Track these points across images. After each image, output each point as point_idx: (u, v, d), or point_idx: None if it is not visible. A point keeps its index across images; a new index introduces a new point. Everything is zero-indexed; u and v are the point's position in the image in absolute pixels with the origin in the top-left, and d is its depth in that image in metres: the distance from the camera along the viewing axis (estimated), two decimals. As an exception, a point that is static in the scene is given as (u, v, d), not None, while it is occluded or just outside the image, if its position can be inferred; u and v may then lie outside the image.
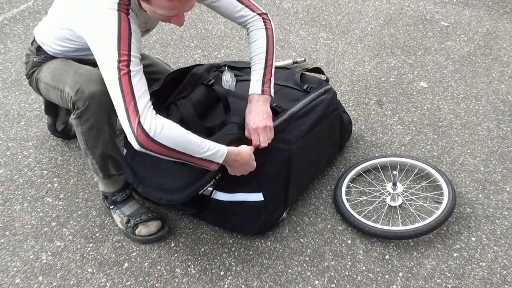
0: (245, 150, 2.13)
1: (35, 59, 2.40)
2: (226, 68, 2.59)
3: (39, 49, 2.38)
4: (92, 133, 2.21)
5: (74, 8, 2.06)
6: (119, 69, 1.88)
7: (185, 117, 2.30)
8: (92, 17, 1.96)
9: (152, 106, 1.93)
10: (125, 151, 2.38)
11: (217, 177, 2.23)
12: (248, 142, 2.21)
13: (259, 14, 2.35)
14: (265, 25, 2.34)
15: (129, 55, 1.90)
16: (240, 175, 2.20)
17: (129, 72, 1.89)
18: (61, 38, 2.27)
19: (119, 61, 1.88)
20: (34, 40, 2.41)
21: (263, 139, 2.19)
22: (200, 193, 2.19)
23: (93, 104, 2.14)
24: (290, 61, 3.36)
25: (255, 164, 2.19)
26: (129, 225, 2.38)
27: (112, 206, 2.43)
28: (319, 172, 2.65)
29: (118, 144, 2.35)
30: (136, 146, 1.90)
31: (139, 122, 1.87)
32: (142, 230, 2.37)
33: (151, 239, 2.37)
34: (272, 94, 2.29)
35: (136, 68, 1.91)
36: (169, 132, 1.91)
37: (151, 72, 2.58)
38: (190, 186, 2.15)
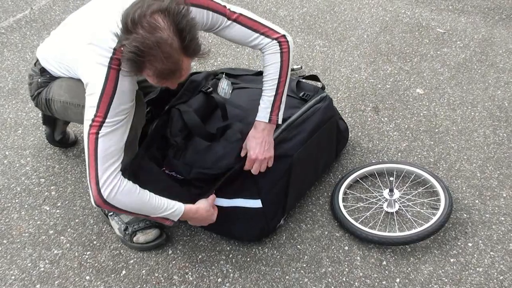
0: (203, 207, 2.21)
1: (39, 79, 2.38)
2: (224, 75, 2.60)
3: (43, 70, 2.36)
4: None
5: (72, 48, 2.08)
6: (91, 126, 1.94)
7: (189, 123, 2.31)
8: (84, 68, 2.00)
9: (116, 171, 1.98)
10: None
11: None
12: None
13: (276, 39, 2.21)
14: (281, 49, 2.22)
15: (104, 118, 1.94)
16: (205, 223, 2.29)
17: (97, 133, 1.94)
18: (63, 68, 2.27)
19: (93, 120, 1.94)
20: (37, 61, 2.39)
21: (255, 169, 2.24)
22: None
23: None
24: (286, 68, 3.37)
25: (215, 218, 2.27)
26: (127, 232, 2.38)
27: (110, 213, 2.43)
28: (316, 179, 2.66)
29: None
30: (92, 203, 1.99)
31: (97, 183, 1.95)
32: (140, 237, 2.37)
33: (148, 246, 2.37)
34: (280, 121, 2.27)
35: (107, 129, 1.95)
36: (125, 198, 2.01)
37: (149, 86, 2.59)
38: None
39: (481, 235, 2.38)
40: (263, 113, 2.24)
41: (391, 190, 2.48)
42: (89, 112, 1.95)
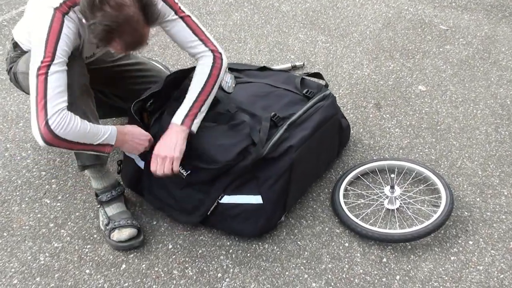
0: (132, 126, 2.27)
1: (12, 54, 2.43)
2: (227, 69, 2.60)
3: (15, 45, 2.41)
4: None
5: (33, 7, 2.13)
6: (39, 69, 1.98)
7: None
8: (33, 16, 2.07)
9: (64, 107, 2.02)
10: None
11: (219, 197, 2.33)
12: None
13: (212, 51, 2.33)
14: (213, 63, 2.31)
15: (53, 57, 1.99)
16: (139, 153, 2.31)
17: (46, 73, 1.98)
18: (27, 34, 2.29)
19: (41, 62, 1.98)
20: (13, 37, 2.44)
21: (159, 169, 2.22)
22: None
23: None
24: (289, 65, 3.37)
25: (146, 138, 2.27)
26: (107, 227, 2.37)
27: (99, 206, 2.43)
28: (317, 177, 2.65)
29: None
30: (41, 143, 2.01)
31: (46, 123, 1.97)
32: (115, 235, 2.35)
33: (122, 246, 2.35)
34: (194, 130, 2.25)
35: (56, 68, 1.99)
36: (73, 130, 2.03)
37: (144, 76, 2.58)
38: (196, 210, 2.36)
39: (482, 233, 2.38)
40: (177, 115, 2.24)
41: (392, 187, 2.48)
42: (37, 59, 1.99)
